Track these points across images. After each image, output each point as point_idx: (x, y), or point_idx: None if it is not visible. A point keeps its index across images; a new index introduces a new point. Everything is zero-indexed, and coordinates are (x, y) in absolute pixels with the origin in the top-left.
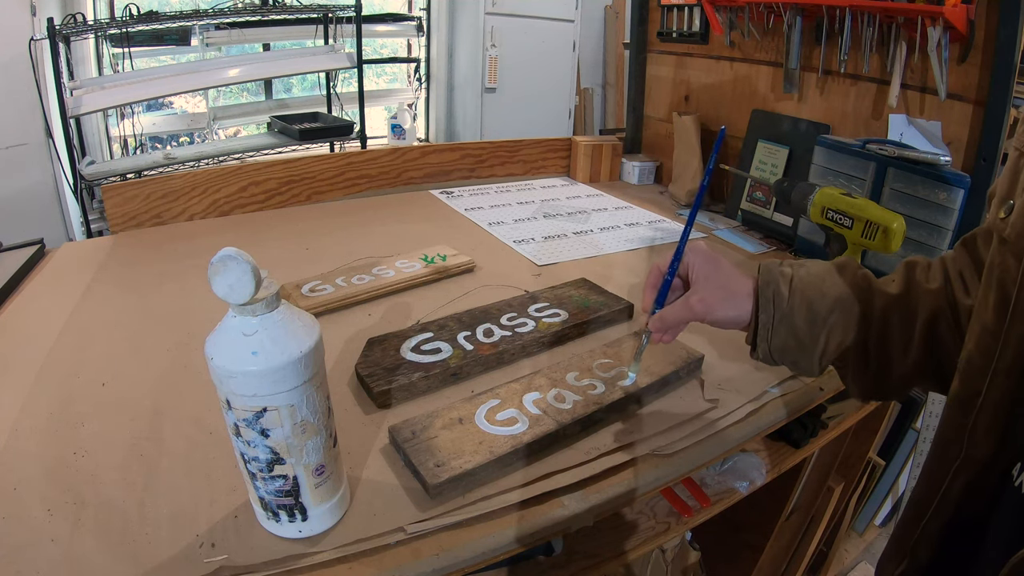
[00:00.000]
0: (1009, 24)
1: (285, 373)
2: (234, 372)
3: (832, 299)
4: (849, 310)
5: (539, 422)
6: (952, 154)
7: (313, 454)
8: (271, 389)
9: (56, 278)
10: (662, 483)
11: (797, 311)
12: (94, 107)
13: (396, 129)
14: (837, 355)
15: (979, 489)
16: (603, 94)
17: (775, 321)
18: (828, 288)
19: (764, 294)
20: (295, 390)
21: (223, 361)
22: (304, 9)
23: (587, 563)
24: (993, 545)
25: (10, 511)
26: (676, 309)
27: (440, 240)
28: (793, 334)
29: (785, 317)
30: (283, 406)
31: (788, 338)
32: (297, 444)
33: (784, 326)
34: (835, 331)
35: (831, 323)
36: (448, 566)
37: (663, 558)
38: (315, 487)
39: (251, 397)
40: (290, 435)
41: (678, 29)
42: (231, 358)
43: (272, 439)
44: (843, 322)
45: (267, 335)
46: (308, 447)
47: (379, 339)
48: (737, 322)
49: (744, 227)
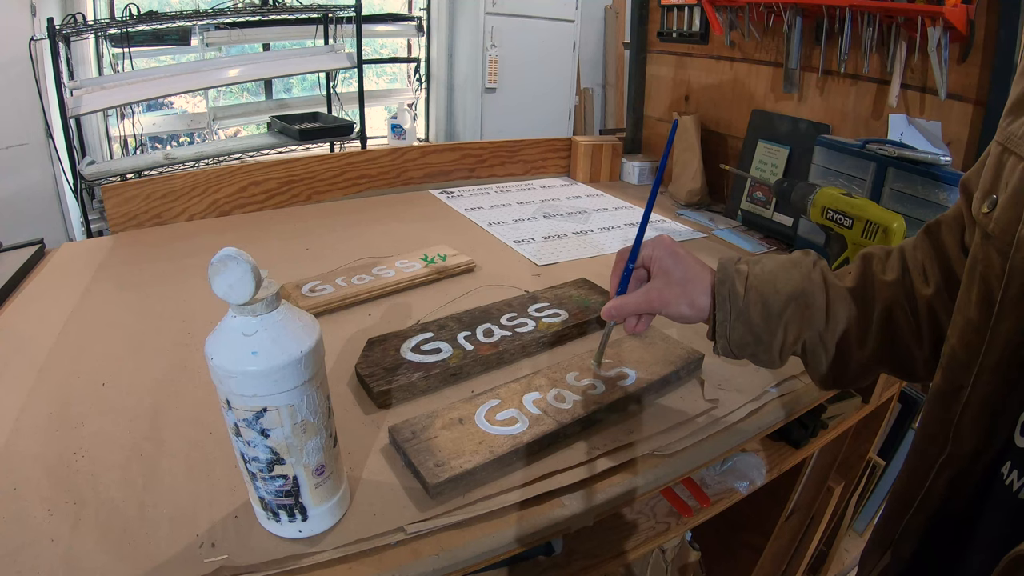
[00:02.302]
0: (1009, 24)
1: (285, 373)
2: (234, 372)
3: (786, 295)
4: (805, 305)
5: (539, 422)
6: (952, 154)
7: (313, 454)
8: (271, 389)
9: (56, 278)
10: (662, 483)
11: (753, 308)
12: (94, 107)
13: (396, 129)
14: (795, 347)
15: (963, 485)
16: (603, 94)
17: (732, 318)
18: (782, 284)
19: (720, 292)
20: (295, 390)
21: (223, 361)
22: (304, 9)
23: (587, 563)
24: (982, 542)
25: (10, 511)
26: (635, 299)
27: (440, 240)
28: (750, 330)
29: (741, 314)
30: (283, 406)
31: (745, 334)
32: (297, 444)
33: (741, 322)
34: (791, 326)
35: (786, 318)
36: (448, 566)
37: (663, 558)
38: (315, 487)
39: (251, 397)
40: (290, 435)
41: (678, 29)
42: (231, 358)
43: (272, 439)
44: (798, 317)
45: (267, 335)
46: (308, 447)
47: (379, 339)
48: (693, 319)
49: (744, 227)
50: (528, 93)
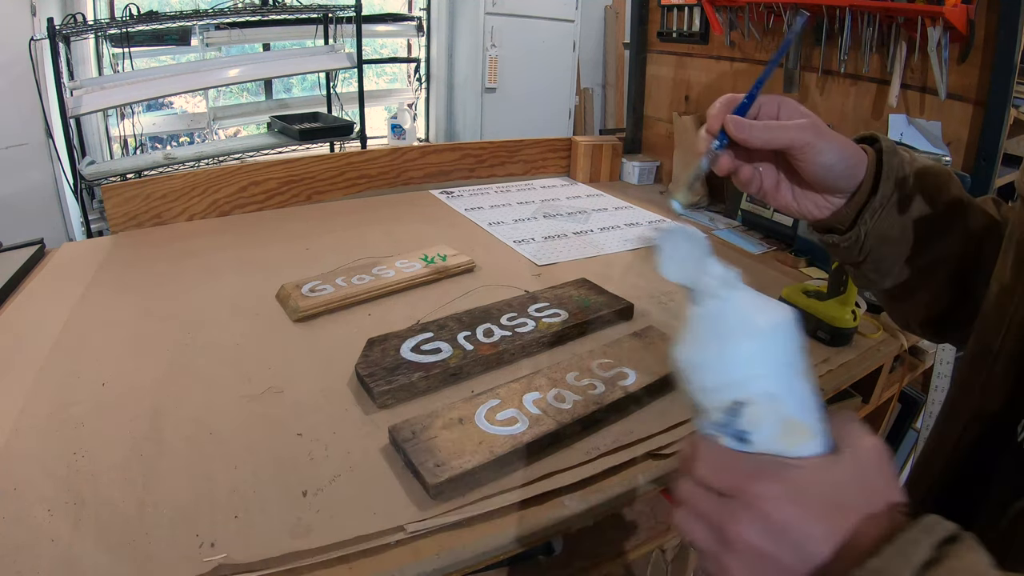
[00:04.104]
0: (1009, 24)
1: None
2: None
3: (952, 197)
4: (962, 215)
5: (539, 422)
6: (952, 154)
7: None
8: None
9: (56, 278)
10: (662, 483)
11: (916, 198)
12: (94, 107)
13: (396, 129)
14: (930, 264)
15: (987, 443)
16: (603, 94)
17: (892, 200)
18: (951, 185)
19: (890, 163)
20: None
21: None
22: (304, 9)
23: (587, 563)
24: (995, 499)
25: (10, 511)
26: (770, 126)
27: (440, 240)
28: (899, 224)
29: (903, 200)
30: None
31: (893, 226)
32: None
33: (897, 210)
34: (945, 235)
35: (940, 226)
36: (448, 566)
37: (663, 558)
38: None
39: (722, 388)
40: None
41: (678, 29)
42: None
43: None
44: (954, 227)
45: (730, 309)
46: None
47: (379, 339)
48: (839, 185)
49: (744, 227)
50: (528, 93)
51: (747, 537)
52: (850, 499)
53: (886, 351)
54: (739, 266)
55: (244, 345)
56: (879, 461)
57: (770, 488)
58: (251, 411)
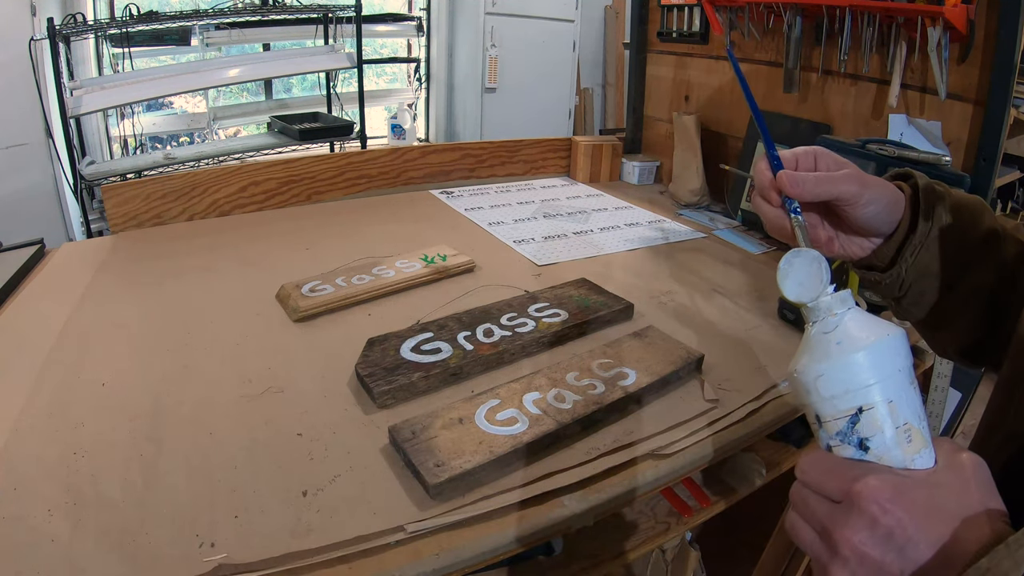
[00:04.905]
0: (1009, 24)
1: (877, 355)
2: (819, 370)
3: (987, 228)
4: (996, 245)
5: (539, 422)
6: (952, 154)
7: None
8: (862, 379)
9: (56, 278)
10: (662, 483)
11: (952, 233)
12: (94, 107)
13: (396, 129)
14: (967, 295)
15: (1021, 463)
16: (603, 94)
17: (931, 236)
18: (984, 216)
19: (927, 201)
20: (891, 380)
21: (805, 363)
22: (304, 9)
23: (587, 563)
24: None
25: (10, 511)
26: (820, 180)
27: (440, 240)
28: (938, 259)
29: (940, 235)
30: (881, 401)
31: (932, 261)
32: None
33: (936, 245)
34: (981, 266)
35: (977, 256)
36: (448, 566)
37: (663, 558)
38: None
39: (841, 396)
40: (893, 444)
41: (678, 29)
42: (814, 357)
43: (873, 453)
44: (989, 257)
45: (850, 324)
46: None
47: (379, 339)
48: (880, 231)
49: (744, 227)
50: (528, 93)
51: (854, 542)
52: (952, 507)
53: None
54: (740, 266)
55: (244, 345)
56: (978, 472)
57: (878, 493)
58: (251, 411)
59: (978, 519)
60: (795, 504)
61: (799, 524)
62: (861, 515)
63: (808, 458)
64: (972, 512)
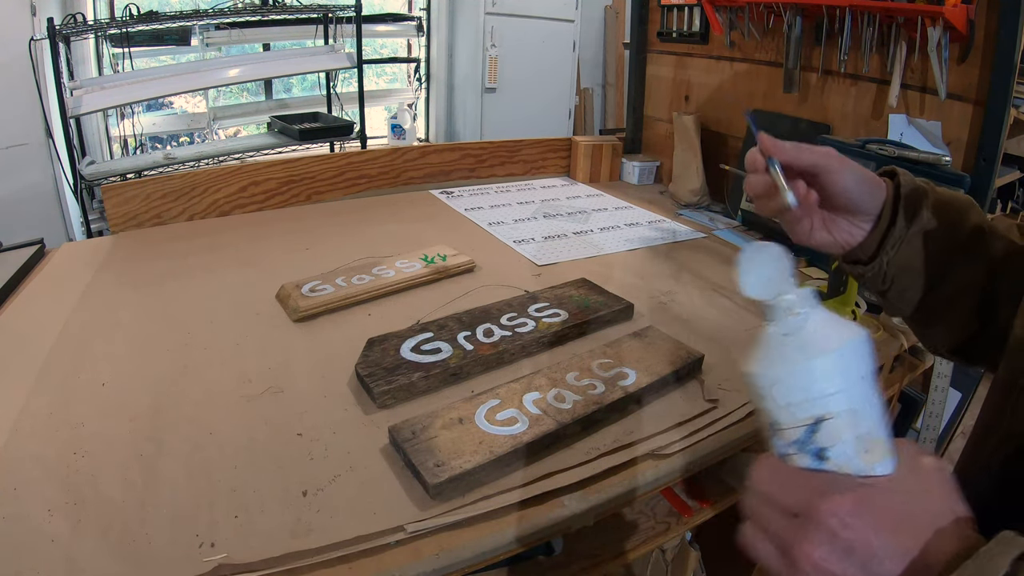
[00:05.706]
0: (1009, 24)
1: (840, 362)
2: (778, 375)
3: (973, 226)
4: (983, 244)
5: (539, 422)
6: (952, 154)
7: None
8: (825, 388)
9: (56, 278)
10: (662, 483)
11: (935, 230)
12: (94, 107)
13: (396, 129)
14: (954, 292)
15: (1018, 463)
16: (603, 94)
17: (912, 231)
18: (971, 214)
19: (908, 197)
20: (852, 388)
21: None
22: (304, 9)
23: (587, 563)
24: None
25: (10, 511)
26: (798, 146)
27: (440, 240)
28: (921, 255)
29: (922, 231)
30: (841, 411)
31: (914, 257)
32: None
33: (918, 241)
34: (967, 264)
35: (962, 254)
36: (448, 566)
37: (663, 558)
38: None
39: (800, 404)
40: (852, 454)
41: (678, 29)
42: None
43: (832, 462)
44: (976, 256)
45: (810, 328)
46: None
47: (379, 339)
48: (860, 207)
49: (744, 227)
50: (528, 93)
51: (814, 556)
52: (918, 517)
53: (886, 351)
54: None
55: (244, 345)
56: (941, 479)
57: (837, 506)
58: (251, 411)
59: (945, 529)
60: (751, 516)
61: (756, 537)
62: (820, 529)
63: (763, 467)
64: (938, 521)
